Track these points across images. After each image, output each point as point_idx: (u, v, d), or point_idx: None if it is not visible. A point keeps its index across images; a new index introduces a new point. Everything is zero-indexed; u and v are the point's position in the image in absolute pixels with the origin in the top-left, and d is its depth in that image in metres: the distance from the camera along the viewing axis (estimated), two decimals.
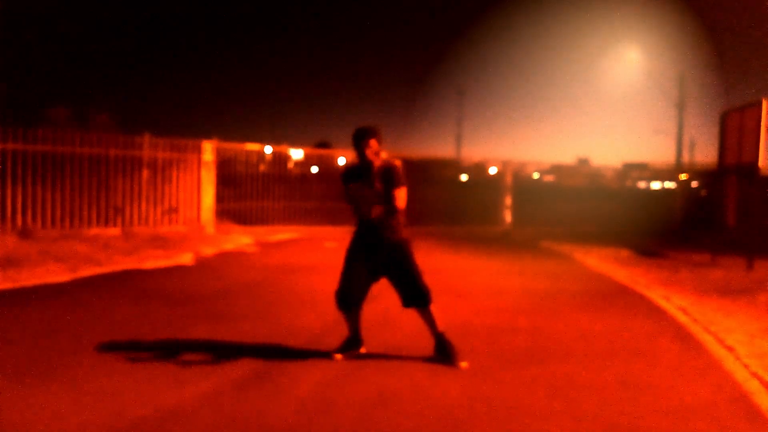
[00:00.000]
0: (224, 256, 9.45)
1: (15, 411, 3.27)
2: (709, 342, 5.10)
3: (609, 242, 12.32)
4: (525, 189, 17.89)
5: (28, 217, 9.47)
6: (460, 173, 25.82)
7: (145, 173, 11.01)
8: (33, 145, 9.59)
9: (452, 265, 9.02)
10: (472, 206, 15.79)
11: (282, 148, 14.81)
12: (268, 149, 14.45)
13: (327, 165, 15.25)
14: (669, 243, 12.43)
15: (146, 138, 11.07)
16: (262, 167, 14.74)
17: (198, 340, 4.74)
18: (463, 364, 4.21)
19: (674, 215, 16.19)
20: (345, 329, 4.44)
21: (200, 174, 11.83)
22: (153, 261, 8.41)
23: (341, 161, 15.79)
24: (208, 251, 9.66)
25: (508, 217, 15.57)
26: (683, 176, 19.37)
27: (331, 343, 4.49)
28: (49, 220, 9.71)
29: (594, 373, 4.18)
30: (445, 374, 4.07)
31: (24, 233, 9.13)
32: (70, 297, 6.21)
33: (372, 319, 4.46)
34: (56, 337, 4.71)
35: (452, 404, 3.55)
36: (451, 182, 19.99)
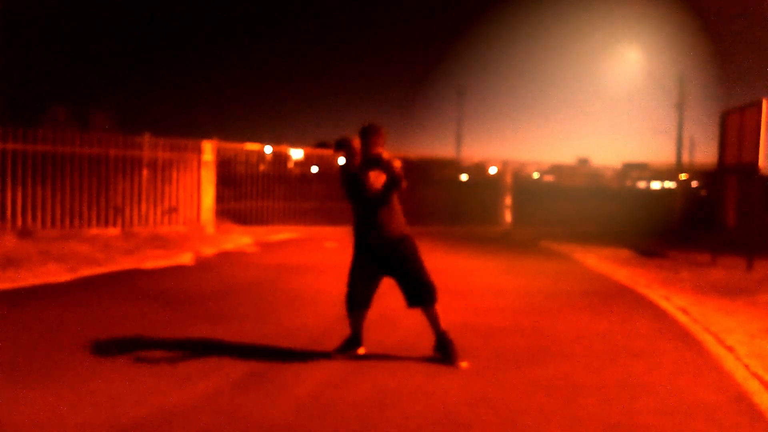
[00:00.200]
0: (224, 256, 9.45)
1: (15, 411, 3.27)
2: (709, 342, 5.10)
3: (609, 242, 12.32)
4: (525, 189, 17.91)
5: (28, 217, 9.47)
6: (460, 173, 25.82)
7: (145, 173, 11.01)
8: (33, 145, 9.59)
9: (452, 265, 9.02)
10: (472, 206, 15.79)
11: (282, 148, 14.80)
12: (268, 149, 14.45)
13: (327, 165, 15.25)
14: (669, 243, 12.43)
15: (146, 138, 11.07)
16: (262, 167, 14.73)
17: (198, 340, 4.74)
18: (463, 364, 4.21)
19: (674, 215, 16.21)
20: (345, 329, 4.44)
21: (200, 174, 11.83)
22: (153, 261, 8.41)
23: (341, 161, 15.77)
24: (208, 251, 9.66)
25: (508, 217, 15.57)
26: (683, 176, 19.39)
27: (331, 343, 4.49)
28: (49, 220, 9.71)
29: (594, 373, 4.19)
30: (445, 374, 4.08)
31: (24, 233, 9.13)
32: (70, 297, 6.21)
33: (372, 319, 4.45)
34: (56, 337, 4.71)
35: (452, 404, 3.55)
36: (451, 182, 19.98)
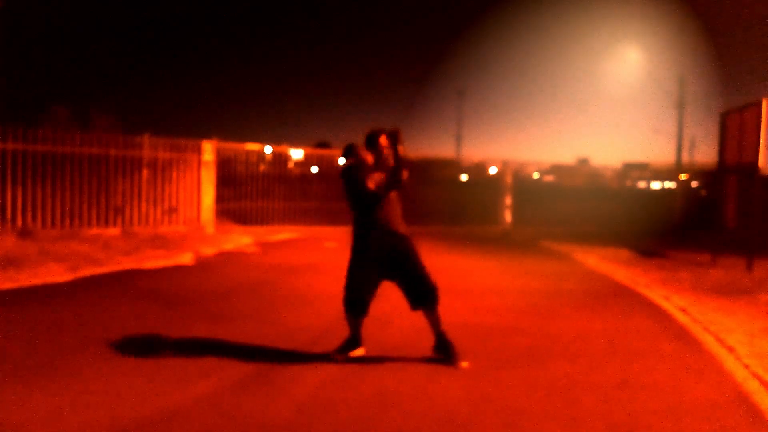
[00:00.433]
0: (224, 256, 9.45)
1: (15, 411, 3.27)
2: (709, 342, 5.10)
3: (609, 242, 12.32)
4: (525, 189, 17.91)
5: (28, 217, 9.47)
6: (460, 173, 25.80)
7: (145, 173, 11.01)
8: (33, 145, 9.59)
9: (452, 265, 9.02)
10: (472, 206, 15.79)
11: (282, 148, 14.81)
12: (268, 149, 14.45)
13: (327, 165, 15.24)
14: (669, 243, 12.43)
15: (146, 138, 11.07)
16: (262, 167, 14.74)
17: (198, 340, 4.74)
18: (464, 364, 4.21)
19: (674, 215, 16.21)
20: (345, 329, 4.44)
21: (200, 174, 11.83)
22: (153, 261, 8.41)
23: (341, 161, 15.77)
24: (208, 251, 9.66)
25: (508, 217, 15.56)
26: (683, 176, 19.40)
27: (331, 344, 4.49)
28: (49, 220, 9.72)
29: (594, 373, 4.19)
30: (445, 374, 4.08)
31: (24, 233, 9.13)
32: (71, 297, 6.21)
33: (372, 319, 4.45)
34: (56, 337, 4.71)
35: (452, 404, 3.55)
36: (451, 182, 19.98)
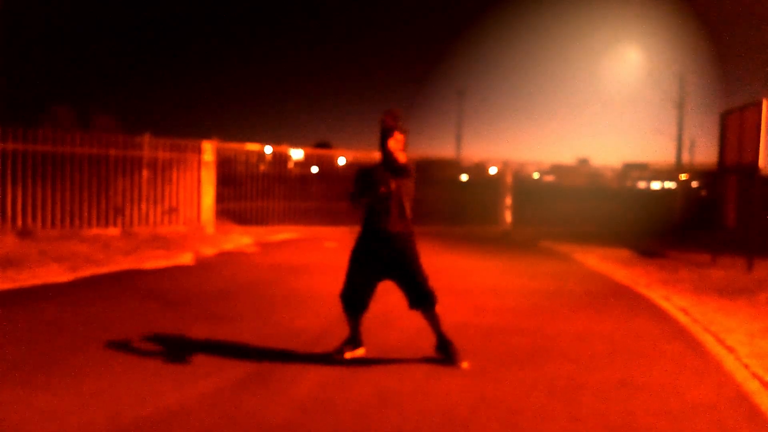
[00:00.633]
0: (224, 256, 9.45)
1: (15, 411, 3.28)
2: (709, 342, 5.11)
3: (609, 242, 12.32)
4: (525, 189, 17.90)
5: (28, 217, 9.47)
6: (460, 173, 25.78)
7: (145, 173, 11.01)
8: (33, 145, 9.59)
9: (452, 265, 9.02)
10: (472, 206, 15.78)
11: (282, 148, 14.81)
12: (268, 149, 14.45)
13: (327, 165, 15.25)
14: (669, 243, 12.42)
15: (146, 138, 11.07)
16: (262, 167, 14.74)
17: (198, 340, 4.74)
18: (464, 364, 4.22)
19: (674, 215, 16.19)
20: (345, 329, 4.45)
21: (200, 174, 11.83)
22: (153, 261, 8.41)
23: (341, 161, 15.79)
24: (208, 251, 9.66)
25: (508, 217, 15.56)
26: (683, 176, 19.38)
27: (331, 343, 4.49)
28: (49, 220, 9.71)
29: (594, 373, 4.19)
30: (445, 374, 4.08)
31: (24, 233, 9.13)
32: (71, 297, 6.21)
33: (372, 319, 4.46)
34: (56, 337, 4.71)
35: (452, 404, 3.55)
36: (451, 182, 19.94)
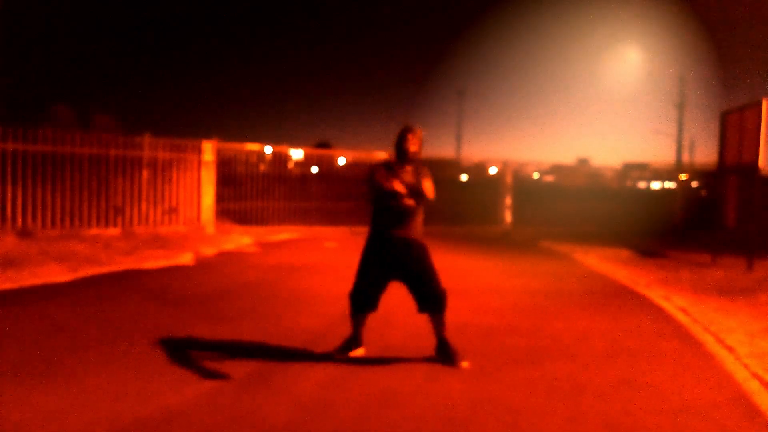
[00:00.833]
0: (224, 256, 9.45)
1: (15, 411, 3.27)
2: (709, 342, 5.11)
3: (609, 242, 12.32)
4: (525, 189, 17.92)
5: (28, 217, 9.47)
6: (460, 173, 25.82)
7: (145, 173, 11.00)
8: (33, 145, 9.59)
9: (452, 265, 9.01)
10: (472, 206, 15.77)
11: (282, 148, 14.80)
12: (268, 149, 14.45)
13: (327, 165, 15.25)
14: (669, 243, 12.43)
15: (146, 138, 11.07)
16: (262, 167, 14.73)
17: (198, 340, 4.74)
18: (464, 364, 4.21)
19: (674, 215, 16.19)
20: (345, 329, 4.45)
21: (200, 174, 11.82)
22: (153, 261, 8.40)
23: (341, 161, 15.79)
24: (208, 251, 9.66)
25: (508, 217, 15.56)
26: (683, 176, 19.38)
27: (332, 343, 4.49)
28: (49, 220, 9.71)
29: (594, 373, 4.19)
30: (445, 374, 4.08)
31: (24, 233, 9.13)
32: (71, 297, 6.21)
33: (372, 319, 4.45)
34: (56, 337, 4.71)
35: (452, 404, 3.55)
36: (451, 182, 19.94)
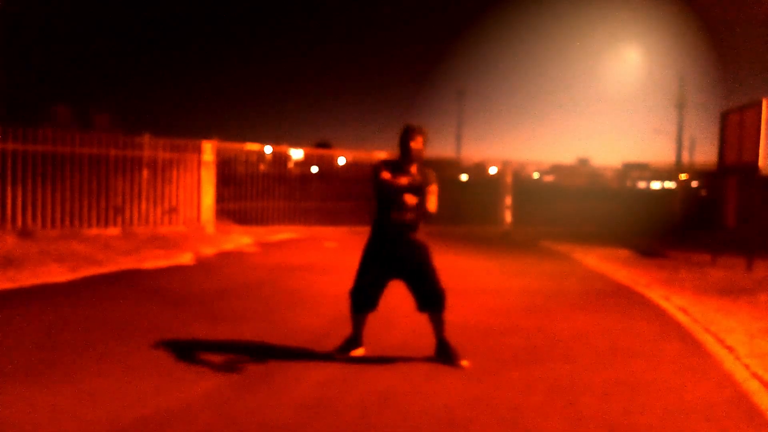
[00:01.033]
0: (224, 256, 9.45)
1: (15, 411, 3.27)
2: (709, 342, 5.11)
3: (609, 242, 12.33)
4: (525, 189, 17.86)
5: (28, 217, 9.47)
6: (460, 173, 25.77)
7: (145, 173, 11.00)
8: (33, 145, 9.59)
9: (452, 265, 9.00)
10: (472, 206, 15.78)
11: (282, 148, 14.81)
12: (268, 149, 14.45)
13: (327, 165, 15.26)
14: (669, 243, 12.42)
15: (146, 138, 11.07)
16: (262, 167, 14.74)
17: (198, 340, 4.74)
18: (464, 363, 4.21)
19: (674, 215, 16.20)
20: (345, 329, 4.45)
21: (200, 174, 11.83)
22: (153, 261, 8.40)
23: (341, 161, 15.80)
24: (208, 251, 9.66)
25: (508, 217, 15.56)
26: (683, 176, 19.38)
27: (332, 343, 4.49)
28: (49, 220, 9.71)
29: (594, 373, 4.19)
30: (445, 374, 4.08)
31: (24, 233, 9.13)
32: (71, 297, 6.21)
33: (372, 319, 4.45)
34: (56, 337, 4.71)
35: (452, 404, 3.55)
36: (451, 182, 19.92)
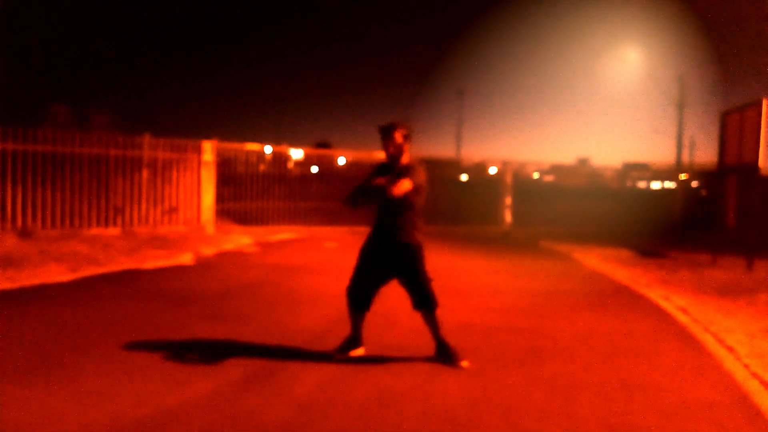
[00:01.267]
0: (224, 256, 9.45)
1: (15, 411, 3.27)
2: (709, 342, 5.11)
3: (609, 242, 12.33)
4: (525, 189, 17.90)
5: (28, 217, 9.47)
6: (460, 173, 25.80)
7: (145, 173, 11.00)
8: (33, 145, 9.59)
9: (452, 265, 9.02)
10: (472, 206, 15.79)
11: (282, 148, 14.82)
12: (268, 149, 14.46)
13: (327, 165, 15.26)
14: (669, 243, 12.43)
15: (146, 138, 11.06)
16: (262, 167, 14.74)
17: (198, 340, 4.74)
18: (464, 364, 4.21)
19: (674, 215, 16.19)
20: (345, 329, 4.45)
21: (200, 174, 11.82)
22: (153, 261, 8.41)
23: (341, 161, 15.80)
24: (208, 251, 9.66)
25: (508, 217, 15.57)
26: (683, 176, 19.38)
27: (332, 343, 4.49)
28: (49, 220, 9.71)
29: (594, 373, 4.19)
30: (445, 374, 4.08)
31: (24, 233, 9.13)
32: (71, 297, 6.21)
33: (372, 319, 4.45)
34: (56, 337, 4.71)
35: (452, 404, 3.55)
36: (451, 182, 19.95)
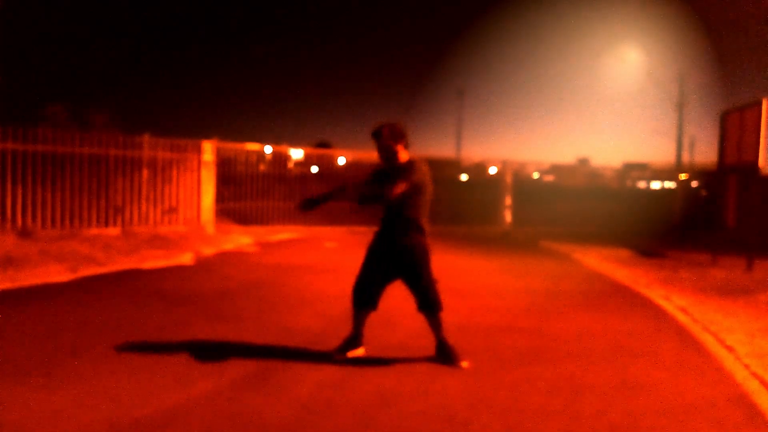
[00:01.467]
0: (224, 256, 9.45)
1: (15, 411, 3.27)
2: (709, 342, 5.11)
3: (609, 242, 12.33)
4: (525, 189, 17.87)
5: (28, 217, 9.47)
6: (460, 173, 25.77)
7: (145, 173, 11.00)
8: (33, 145, 9.59)
9: (452, 265, 9.01)
10: (472, 206, 15.78)
11: (282, 148, 14.81)
12: (268, 149, 14.45)
13: (327, 165, 15.26)
14: (669, 243, 12.43)
15: (146, 138, 11.06)
16: (262, 167, 14.74)
17: (198, 340, 4.74)
18: (464, 364, 4.22)
19: (674, 215, 16.19)
20: (345, 329, 4.45)
21: (200, 174, 11.82)
22: (153, 261, 8.41)
23: (341, 161, 15.80)
24: (208, 251, 9.66)
25: (508, 217, 15.57)
26: (683, 176, 19.35)
27: (332, 343, 4.49)
28: (49, 220, 9.71)
29: (594, 373, 4.19)
30: (446, 374, 4.08)
31: (24, 233, 9.13)
32: (71, 297, 6.21)
33: (373, 319, 4.45)
34: (56, 337, 4.71)
35: (452, 404, 3.55)
36: (451, 182, 19.93)
